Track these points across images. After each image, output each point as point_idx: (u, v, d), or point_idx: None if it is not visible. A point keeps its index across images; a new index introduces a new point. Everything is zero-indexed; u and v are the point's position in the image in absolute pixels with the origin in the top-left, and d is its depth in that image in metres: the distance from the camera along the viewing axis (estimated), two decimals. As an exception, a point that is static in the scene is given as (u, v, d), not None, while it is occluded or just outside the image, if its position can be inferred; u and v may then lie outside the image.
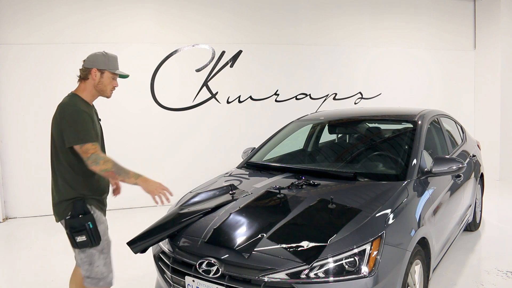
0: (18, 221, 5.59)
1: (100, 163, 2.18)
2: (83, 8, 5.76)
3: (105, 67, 2.36)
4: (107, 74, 2.37)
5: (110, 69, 2.36)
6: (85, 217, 2.27)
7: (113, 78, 2.41)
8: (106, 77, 2.37)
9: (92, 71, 2.35)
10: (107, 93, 2.42)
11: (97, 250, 2.31)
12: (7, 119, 5.66)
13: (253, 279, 2.09)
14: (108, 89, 2.41)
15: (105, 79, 2.37)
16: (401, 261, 2.22)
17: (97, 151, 2.20)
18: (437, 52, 7.59)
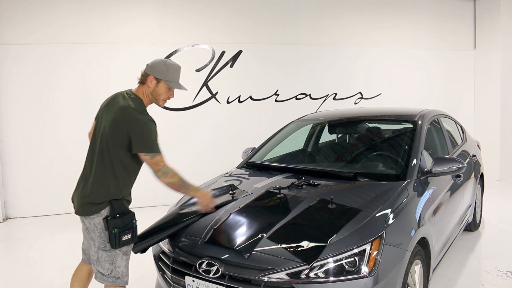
0: (18, 221, 5.59)
1: (169, 176, 2.25)
2: (83, 8, 5.76)
3: (163, 77, 2.33)
4: (163, 84, 2.35)
5: (167, 80, 2.34)
6: (130, 215, 2.30)
7: (169, 88, 2.38)
8: (161, 87, 2.36)
9: (149, 78, 2.34)
10: (159, 102, 2.42)
11: (122, 251, 2.30)
12: (7, 119, 5.66)
13: (253, 279, 2.09)
14: (161, 99, 2.40)
15: (160, 88, 2.36)
16: (401, 261, 2.22)
17: (166, 164, 2.27)
18: (437, 52, 7.59)
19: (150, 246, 2.48)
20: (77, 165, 5.74)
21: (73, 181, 2.48)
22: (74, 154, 5.74)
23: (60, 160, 5.75)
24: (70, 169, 5.83)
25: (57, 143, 5.76)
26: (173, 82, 2.36)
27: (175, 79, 2.38)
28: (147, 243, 2.45)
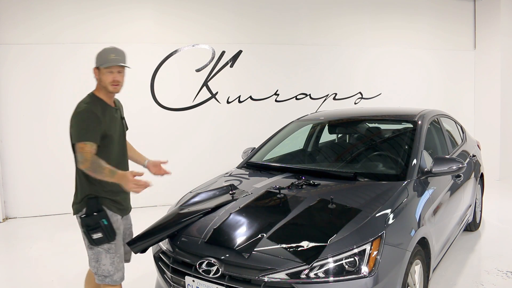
0: (18, 221, 5.59)
1: (82, 162, 2.21)
2: (83, 8, 5.76)
3: (98, 63, 2.35)
4: (102, 70, 2.34)
5: (101, 64, 2.32)
6: (99, 214, 2.32)
7: (109, 72, 2.33)
8: (102, 73, 2.34)
9: (93, 71, 2.39)
10: (109, 89, 2.37)
11: (103, 249, 2.34)
12: (7, 119, 5.66)
13: (253, 279, 2.09)
14: (108, 85, 2.35)
15: (102, 75, 2.35)
16: (401, 261, 2.22)
17: (83, 150, 2.21)
18: (437, 52, 7.59)
19: (150, 246, 2.48)
20: (77, 165, 5.77)
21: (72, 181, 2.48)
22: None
23: (60, 160, 5.75)
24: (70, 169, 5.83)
25: (57, 143, 5.76)
26: (106, 63, 2.31)
27: (106, 61, 2.31)
28: (147, 243, 2.44)
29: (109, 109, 2.42)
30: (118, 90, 2.40)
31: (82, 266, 3.81)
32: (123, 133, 2.55)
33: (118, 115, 2.49)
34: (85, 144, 2.22)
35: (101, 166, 2.20)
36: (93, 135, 2.26)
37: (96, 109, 2.30)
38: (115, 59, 2.33)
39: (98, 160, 2.21)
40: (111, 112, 2.43)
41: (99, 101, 2.37)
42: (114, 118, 2.44)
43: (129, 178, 2.16)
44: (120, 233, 2.44)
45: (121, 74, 2.38)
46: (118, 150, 2.47)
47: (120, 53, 2.37)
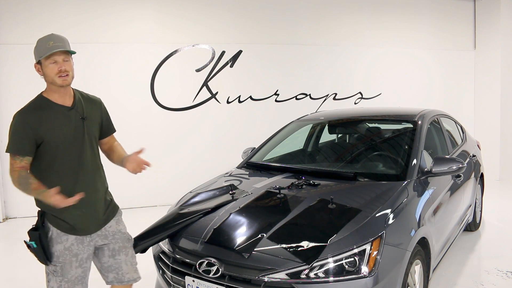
0: (18, 221, 5.59)
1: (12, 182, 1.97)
2: (84, 8, 5.76)
3: (38, 56, 2.02)
4: (44, 63, 1.99)
5: (42, 56, 1.98)
6: (33, 234, 2.03)
7: (53, 63, 1.99)
8: (44, 67, 2.00)
9: (36, 68, 2.06)
10: (56, 83, 2.00)
11: (49, 270, 2.09)
12: (7, 119, 5.64)
13: (253, 279, 2.09)
14: (55, 78, 1.99)
15: (45, 69, 2.00)
16: (401, 261, 2.22)
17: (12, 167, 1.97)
18: (437, 52, 7.59)
19: (150, 246, 2.48)
20: (77, 165, 5.76)
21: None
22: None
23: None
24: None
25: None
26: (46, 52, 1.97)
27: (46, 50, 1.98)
28: (147, 243, 2.45)
29: (58, 111, 2.05)
30: (68, 81, 2.02)
31: (82, 266, 3.81)
32: (82, 137, 2.10)
33: (75, 116, 2.09)
34: (14, 160, 1.97)
35: (28, 183, 1.93)
36: (22, 147, 1.96)
37: (29, 116, 1.98)
38: (56, 46, 1.98)
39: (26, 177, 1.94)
40: (60, 114, 2.05)
41: (45, 103, 2.03)
42: (65, 120, 2.05)
43: (50, 194, 1.86)
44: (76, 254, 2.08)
45: (68, 62, 2.02)
46: (72, 158, 2.07)
47: (59, 38, 2.03)
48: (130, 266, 2.25)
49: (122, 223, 2.30)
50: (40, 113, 2.00)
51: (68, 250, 2.06)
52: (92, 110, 2.20)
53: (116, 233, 2.22)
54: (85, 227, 2.10)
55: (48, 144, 2.00)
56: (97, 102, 2.27)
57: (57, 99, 2.07)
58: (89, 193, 2.08)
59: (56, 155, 2.02)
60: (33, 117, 1.98)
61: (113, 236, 2.20)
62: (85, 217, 2.09)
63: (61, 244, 2.05)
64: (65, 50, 2.01)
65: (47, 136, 1.99)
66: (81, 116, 2.12)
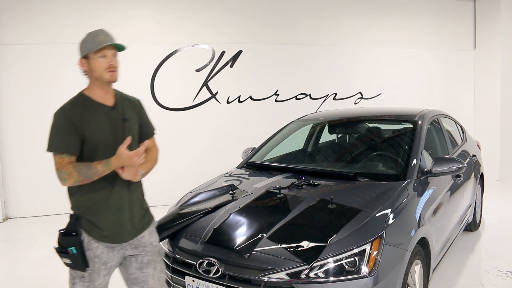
0: (18, 221, 5.59)
1: (66, 179, 1.84)
2: (84, 8, 5.76)
3: (86, 50, 1.92)
4: (92, 57, 1.91)
5: (91, 49, 1.90)
6: (72, 238, 1.93)
7: (102, 56, 1.91)
8: (92, 61, 1.92)
9: (80, 63, 1.97)
10: (104, 78, 1.93)
11: (77, 274, 1.99)
12: (7, 119, 5.66)
13: (253, 279, 2.09)
14: (103, 73, 1.92)
15: (93, 63, 1.92)
16: (401, 261, 2.22)
17: (61, 166, 1.85)
18: (437, 52, 7.59)
19: (150, 246, 2.48)
20: (77, 165, 5.76)
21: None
22: (74, 154, 5.75)
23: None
24: (70, 169, 5.83)
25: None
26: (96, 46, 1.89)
27: (96, 44, 1.90)
28: (147, 243, 2.44)
29: (99, 110, 1.96)
30: (116, 78, 1.97)
31: (82, 266, 3.81)
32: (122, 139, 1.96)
33: (116, 116, 2.00)
34: (61, 159, 1.86)
35: (90, 166, 1.85)
36: (71, 145, 1.88)
37: (71, 113, 1.89)
38: (107, 40, 1.91)
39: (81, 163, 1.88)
40: (102, 113, 1.96)
41: (86, 101, 1.95)
42: (107, 120, 1.96)
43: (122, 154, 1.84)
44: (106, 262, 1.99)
45: (116, 59, 1.98)
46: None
47: (109, 34, 1.95)
48: (157, 281, 2.12)
49: (155, 235, 2.17)
50: (81, 110, 1.91)
51: (98, 258, 1.97)
52: (132, 112, 2.10)
53: (147, 245, 2.10)
54: (119, 235, 1.99)
55: (88, 143, 1.91)
56: (137, 103, 2.17)
57: (98, 98, 1.98)
58: (125, 199, 2.00)
59: (95, 156, 1.91)
60: (76, 114, 1.89)
61: (143, 247, 2.08)
62: (120, 224, 1.98)
63: (91, 251, 1.95)
64: (116, 44, 1.94)
65: (88, 135, 1.90)
66: (122, 117, 2.02)
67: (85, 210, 1.94)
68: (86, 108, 1.93)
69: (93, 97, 1.97)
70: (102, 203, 1.95)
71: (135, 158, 1.88)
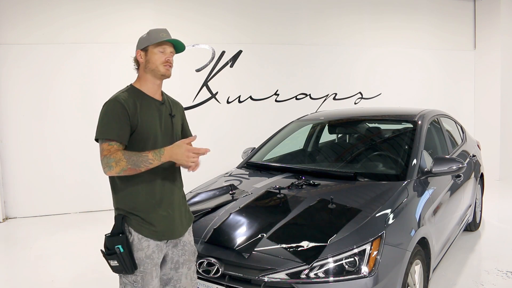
0: (18, 221, 5.59)
1: (113, 166, 1.78)
2: (83, 8, 5.76)
3: (147, 43, 1.96)
4: (151, 49, 1.95)
5: (151, 42, 1.95)
6: (118, 238, 1.85)
7: (161, 51, 1.96)
8: (151, 53, 1.96)
9: (137, 55, 2.00)
10: (160, 71, 1.95)
11: (128, 280, 1.90)
12: (7, 119, 5.66)
13: (253, 279, 2.09)
14: (159, 66, 1.95)
15: (151, 56, 1.95)
16: (401, 261, 2.22)
17: (109, 153, 1.81)
18: (437, 52, 7.59)
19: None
20: (76, 165, 5.77)
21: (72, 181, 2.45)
22: (74, 154, 5.74)
23: (60, 160, 5.75)
24: (70, 169, 5.83)
25: (57, 143, 5.76)
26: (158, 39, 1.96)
27: (161, 37, 1.96)
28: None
29: (151, 102, 1.97)
30: (170, 73, 1.99)
31: (82, 266, 3.81)
32: (171, 133, 2.03)
33: (165, 111, 2.02)
34: (110, 146, 1.83)
35: (141, 155, 1.81)
36: (122, 133, 1.85)
37: (127, 101, 1.88)
38: (168, 37, 1.98)
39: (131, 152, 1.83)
40: (153, 106, 1.97)
41: (137, 92, 1.96)
42: (157, 113, 1.98)
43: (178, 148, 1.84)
44: (156, 263, 1.93)
45: (172, 57, 2.01)
46: None
47: (169, 34, 2.02)
48: (190, 281, 2.07)
49: (192, 234, 2.15)
50: (135, 101, 1.91)
51: (150, 258, 1.89)
52: (177, 111, 2.14)
53: (186, 244, 2.06)
54: (170, 230, 1.96)
55: (140, 134, 1.89)
56: (180, 106, 2.21)
57: (149, 91, 1.99)
58: (174, 194, 2.02)
59: (145, 148, 1.89)
60: (130, 103, 1.89)
61: (182, 247, 2.04)
62: (170, 220, 1.96)
63: (142, 252, 1.88)
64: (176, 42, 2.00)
65: (140, 125, 1.89)
66: (170, 113, 2.05)
67: (133, 206, 1.90)
68: (139, 99, 1.94)
69: (143, 90, 1.98)
70: (152, 198, 1.92)
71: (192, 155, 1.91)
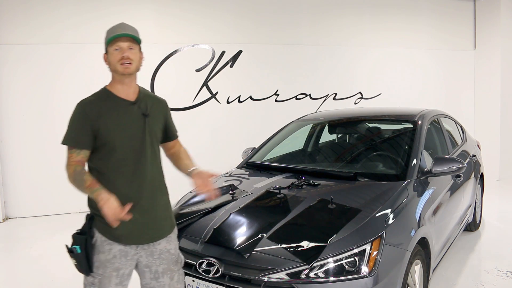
0: (18, 221, 5.59)
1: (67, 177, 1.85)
2: (85, 9, 5.76)
3: (105, 45, 1.89)
4: (109, 50, 1.87)
5: (106, 43, 1.87)
6: (79, 237, 1.84)
7: (116, 49, 1.85)
8: (109, 55, 1.87)
9: (104, 59, 1.93)
10: (118, 71, 1.86)
11: (87, 281, 1.91)
12: (7, 119, 5.66)
13: (253, 279, 2.09)
14: (116, 65, 1.85)
15: (109, 57, 1.87)
16: (401, 261, 2.22)
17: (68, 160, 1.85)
18: (437, 52, 7.59)
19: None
20: (77, 165, 5.76)
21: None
22: (74, 154, 5.75)
23: (60, 161, 5.73)
24: (70, 169, 5.83)
25: (57, 143, 5.69)
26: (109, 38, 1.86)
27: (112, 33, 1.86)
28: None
29: (119, 104, 1.89)
30: (130, 70, 1.86)
31: (82, 266, 3.81)
32: (142, 135, 1.91)
33: (136, 112, 1.92)
34: (70, 154, 1.86)
35: (82, 182, 1.79)
36: (79, 140, 1.84)
37: (89, 107, 1.85)
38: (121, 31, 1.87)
39: (81, 173, 1.82)
40: (121, 108, 1.89)
41: (107, 95, 1.90)
42: (125, 116, 1.89)
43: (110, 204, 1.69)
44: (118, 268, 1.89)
45: (133, 51, 1.86)
46: (130, 156, 1.89)
47: (128, 27, 1.89)
48: None
49: (174, 243, 2.05)
50: (100, 105, 1.86)
51: (110, 263, 1.86)
52: (156, 109, 2.02)
53: (164, 252, 1.98)
54: (135, 236, 1.88)
55: (105, 138, 1.83)
56: (163, 103, 2.11)
57: (120, 92, 1.91)
58: (145, 198, 1.91)
59: (112, 152, 1.85)
60: (93, 108, 1.84)
61: (159, 255, 1.96)
62: (137, 224, 1.87)
63: (103, 254, 1.85)
64: (129, 35, 1.85)
65: (104, 129, 1.83)
66: (143, 113, 1.93)
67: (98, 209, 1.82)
68: (105, 102, 1.87)
69: (114, 91, 1.91)
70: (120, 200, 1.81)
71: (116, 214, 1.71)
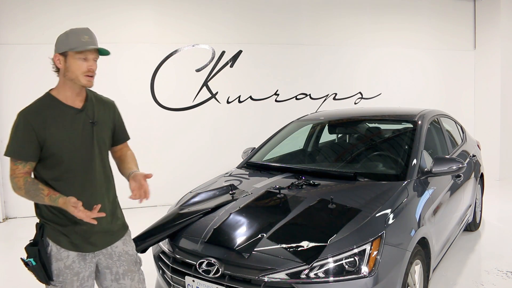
0: (18, 221, 5.59)
1: (15, 190, 1.77)
2: (84, 9, 5.76)
3: (66, 47, 1.76)
4: (72, 56, 1.76)
5: (71, 48, 1.75)
6: (31, 249, 1.80)
7: (83, 58, 1.77)
8: (71, 61, 1.76)
9: (55, 59, 1.80)
10: (80, 82, 1.79)
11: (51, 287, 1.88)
12: (8, 119, 5.66)
13: (253, 279, 2.09)
14: (80, 76, 1.77)
15: (71, 64, 1.76)
16: (401, 261, 2.22)
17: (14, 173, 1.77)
18: (437, 53, 7.59)
19: (150, 246, 2.48)
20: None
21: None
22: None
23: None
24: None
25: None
26: (79, 46, 1.75)
27: (80, 44, 1.75)
28: (147, 243, 2.45)
29: (65, 113, 1.82)
30: (92, 83, 1.83)
31: (82, 266, 3.81)
32: (90, 144, 1.87)
33: (84, 120, 1.86)
34: (15, 166, 1.77)
35: (38, 191, 1.74)
36: (24, 152, 1.76)
37: (32, 117, 1.76)
38: (91, 42, 1.78)
39: (34, 183, 1.76)
40: (67, 117, 1.82)
41: (52, 103, 1.81)
42: (71, 125, 1.83)
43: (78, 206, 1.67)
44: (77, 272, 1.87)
45: (96, 63, 1.83)
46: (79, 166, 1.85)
47: (93, 36, 1.81)
48: None
49: (130, 244, 2.06)
50: (45, 113, 1.78)
51: (69, 269, 1.84)
52: (104, 114, 1.97)
53: (123, 254, 1.99)
54: (88, 243, 1.88)
55: (52, 148, 1.78)
56: (111, 105, 2.04)
57: (66, 99, 1.83)
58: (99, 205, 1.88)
59: (61, 162, 1.81)
60: (37, 118, 1.76)
61: (118, 257, 1.97)
62: (89, 233, 1.86)
63: (61, 262, 1.83)
64: (101, 49, 1.81)
65: (51, 139, 1.77)
66: (91, 120, 1.88)
67: (50, 217, 1.83)
68: (50, 111, 1.80)
69: (60, 98, 1.83)
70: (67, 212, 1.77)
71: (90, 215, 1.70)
